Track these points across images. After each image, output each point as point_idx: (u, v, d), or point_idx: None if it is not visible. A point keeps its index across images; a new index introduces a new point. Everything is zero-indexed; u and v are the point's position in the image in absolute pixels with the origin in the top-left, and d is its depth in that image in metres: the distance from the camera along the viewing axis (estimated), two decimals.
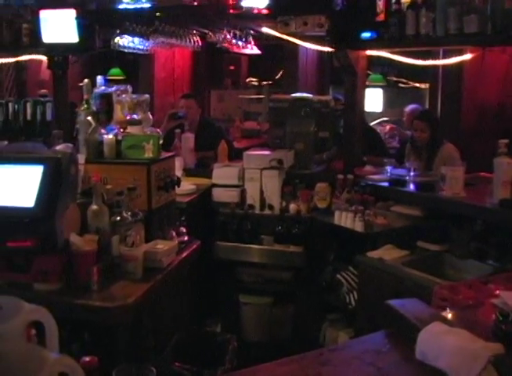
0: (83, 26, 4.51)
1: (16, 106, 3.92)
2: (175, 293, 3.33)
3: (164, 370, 2.69)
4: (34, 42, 4.86)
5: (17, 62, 5.82)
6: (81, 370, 0.94)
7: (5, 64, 6.03)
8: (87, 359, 1.56)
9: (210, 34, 5.50)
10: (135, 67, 7.75)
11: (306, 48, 6.22)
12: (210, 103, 8.97)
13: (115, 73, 8.87)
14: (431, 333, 1.80)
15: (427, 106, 7.29)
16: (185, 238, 3.54)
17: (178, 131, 5.78)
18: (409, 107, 7.20)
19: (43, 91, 4.92)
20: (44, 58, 5.38)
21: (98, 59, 7.49)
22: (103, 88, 3.51)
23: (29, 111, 3.90)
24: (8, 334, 0.97)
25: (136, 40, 4.87)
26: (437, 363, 1.73)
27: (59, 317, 2.62)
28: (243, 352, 3.58)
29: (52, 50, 4.88)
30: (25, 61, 5.76)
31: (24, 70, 6.47)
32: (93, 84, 3.54)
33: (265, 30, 5.22)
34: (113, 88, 3.48)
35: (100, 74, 3.65)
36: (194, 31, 5.61)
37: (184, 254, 3.34)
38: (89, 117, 3.37)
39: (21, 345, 0.97)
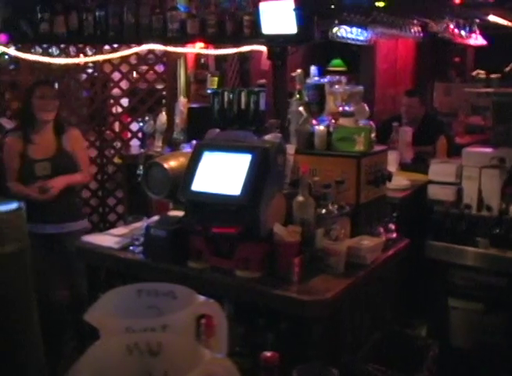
0: (301, 17, 4.53)
1: (231, 96, 4.02)
2: (378, 291, 3.23)
3: (357, 369, 2.62)
4: (255, 33, 4.99)
5: (241, 53, 6.02)
6: (237, 374, 0.89)
7: (230, 55, 6.27)
8: (268, 354, 1.53)
9: (431, 23, 5.28)
10: (357, 58, 7.70)
11: None
12: (434, 95, 8.70)
13: (336, 64, 8.88)
14: None
15: None
16: (394, 235, 3.41)
17: (395, 124, 5.64)
18: None
19: (262, 81, 5.04)
20: (264, 49, 5.53)
21: (319, 49, 7.54)
22: (317, 78, 3.48)
23: (243, 100, 3.98)
24: (176, 326, 0.96)
25: (354, 30, 4.81)
26: None
27: (257, 305, 2.67)
28: (448, 359, 3.40)
29: (272, 41, 4.98)
30: (248, 52, 5.93)
31: (248, 61, 6.69)
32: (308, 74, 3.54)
33: (492, 18, 4.91)
34: (327, 79, 3.44)
35: (321, 65, 3.63)
36: (415, 21, 5.43)
37: (390, 252, 3.22)
38: (301, 108, 3.36)
39: (185, 338, 0.95)
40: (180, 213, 3.00)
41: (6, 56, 5.98)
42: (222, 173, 2.80)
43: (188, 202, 2.88)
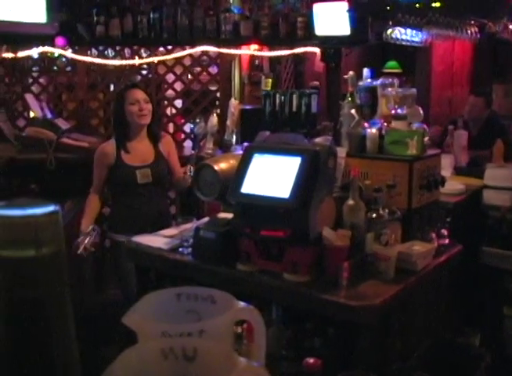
0: (355, 18, 4.50)
1: (283, 98, 4.00)
2: (429, 298, 3.16)
3: None
4: (308, 35, 4.98)
5: (295, 54, 6.01)
6: None
7: (284, 56, 6.27)
8: (311, 360, 1.51)
9: (489, 24, 5.16)
10: (413, 60, 7.61)
11: None
12: (493, 97, 8.54)
13: (391, 66, 8.79)
14: None
15: None
16: (446, 241, 3.34)
17: (451, 127, 5.54)
18: None
19: (315, 83, 5.00)
20: (317, 50, 5.50)
21: (374, 51, 7.47)
22: (369, 81, 3.44)
23: (295, 103, 3.95)
24: (213, 331, 0.95)
25: (409, 32, 4.74)
26: None
27: (304, 309, 2.64)
28: (502, 370, 3.32)
29: (325, 43, 4.96)
30: (302, 53, 5.92)
31: (302, 63, 6.67)
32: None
33: None
34: (379, 82, 3.39)
35: (376, 67, 3.58)
36: (472, 22, 5.31)
37: (442, 259, 3.15)
38: (353, 111, 3.31)
39: (221, 344, 0.94)
40: (229, 215, 2.99)
41: (63, 59, 6.10)
42: (272, 176, 2.78)
43: (237, 204, 2.87)
